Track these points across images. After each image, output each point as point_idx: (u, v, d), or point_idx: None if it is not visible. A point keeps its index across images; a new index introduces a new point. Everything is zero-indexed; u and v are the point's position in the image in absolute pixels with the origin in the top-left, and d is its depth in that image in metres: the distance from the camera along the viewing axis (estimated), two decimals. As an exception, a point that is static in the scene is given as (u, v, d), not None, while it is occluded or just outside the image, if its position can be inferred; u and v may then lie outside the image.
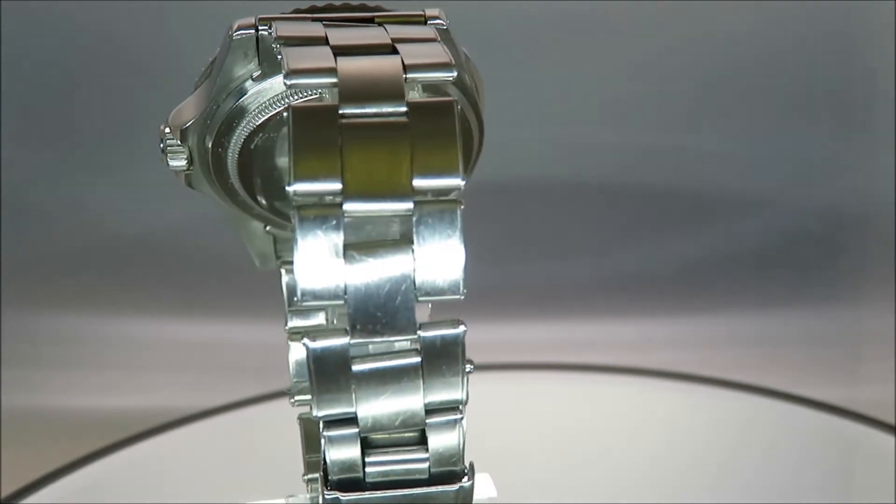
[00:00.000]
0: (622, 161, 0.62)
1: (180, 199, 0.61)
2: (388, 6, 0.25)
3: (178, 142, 0.25)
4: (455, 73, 0.22)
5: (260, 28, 0.24)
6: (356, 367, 0.21)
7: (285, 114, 0.25)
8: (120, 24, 0.59)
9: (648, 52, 0.61)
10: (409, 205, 0.20)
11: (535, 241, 0.64)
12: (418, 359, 0.21)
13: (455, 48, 0.25)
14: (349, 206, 0.20)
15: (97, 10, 0.59)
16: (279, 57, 0.23)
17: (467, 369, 0.22)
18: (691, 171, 0.62)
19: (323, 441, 0.22)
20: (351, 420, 0.22)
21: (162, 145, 0.26)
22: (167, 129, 0.25)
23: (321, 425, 0.22)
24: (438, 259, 0.20)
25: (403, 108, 0.21)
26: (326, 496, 0.22)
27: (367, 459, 0.22)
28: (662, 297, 0.62)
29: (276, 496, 0.30)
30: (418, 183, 0.20)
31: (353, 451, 0.22)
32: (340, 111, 0.21)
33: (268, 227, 0.28)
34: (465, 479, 0.23)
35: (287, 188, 0.20)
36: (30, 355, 0.60)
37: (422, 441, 0.22)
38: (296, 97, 0.24)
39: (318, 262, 0.20)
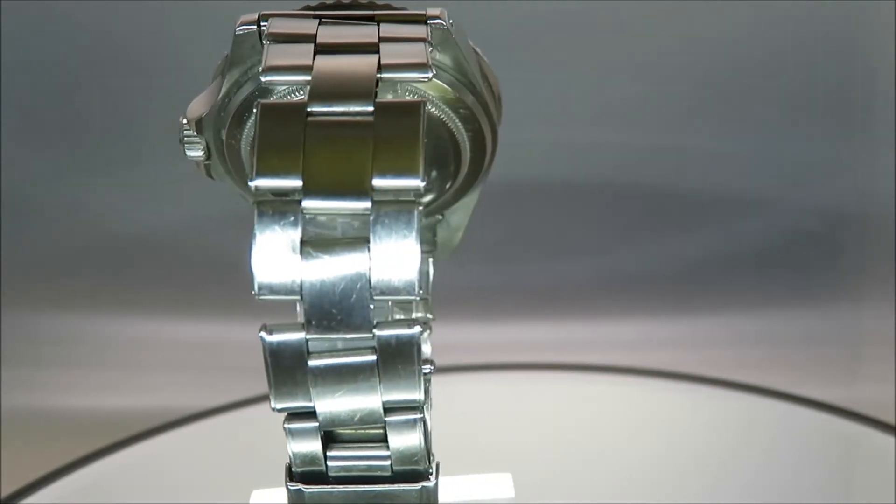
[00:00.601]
0: (622, 161, 0.62)
1: (180, 200, 0.62)
2: (397, 5, 0.25)
3: (195, 133, 0.26)
4: (429, 74, 0.22)
5: (262, 24, 0.24)
6: (312, 363, 0.21)
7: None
8: (120, 24, 0.59)
9: (648, 52, 0.61)
10: (367, 204, 0.21)
11: (536, 241, 0.64)
12: (374, 357, 0.21)
13: (457, 48, 0.25)
14: (308, 204, 0.21)
15: (97, 9, 0.59)
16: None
17: (425, 370, 0.22)
18: (691, 171, 0.62)
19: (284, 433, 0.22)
20: (311, 414, 0.22)
21: (180, 136, 0.26)
22: (184, 121, 0.26)
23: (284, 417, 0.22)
24: (394, 259, 0.21)
25: (370, 108, 0.21)
26: (290, 488, 0.23)
27: (329, 454, 0.23)
28: (662, 297, 0.62)
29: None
30: (377, 183, 0.21)
31: (313, 445, 0.22)
32: (308, 109, 0.21)
33: None
34: (430, 479, 0.23)
35: (249, 183, 0.21)
36: (30, 355, 0.60)
37: (386, 438, 0.23)
38: (300, 94, 0.24)
39: (274, 256, 0.21)
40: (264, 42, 0.23)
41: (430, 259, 0.32)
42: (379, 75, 0.22)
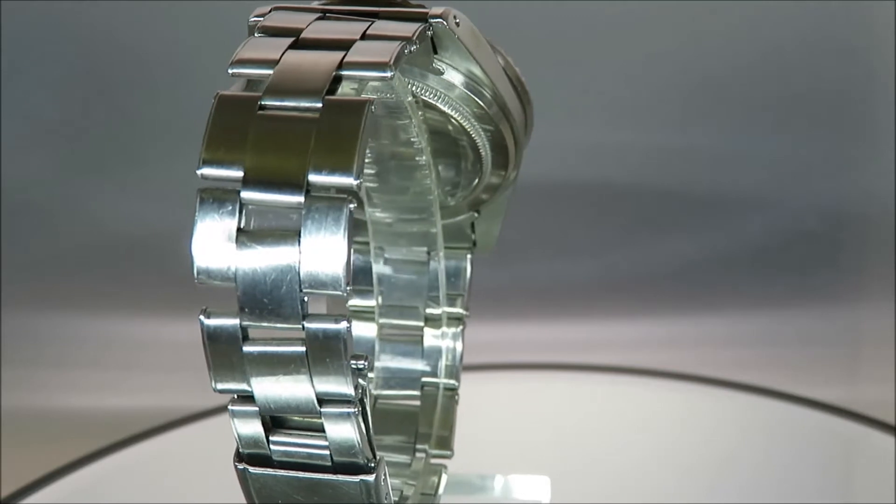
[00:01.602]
0: (623, 161, 0.62)
1: (180, 200, 0.62)
2: (414, 3, 0.25)
3: None
4: (388, 74, 0.22)
5: None
6: (246, 349, 0.22)
7: None
8: (122, 24, 0.59)
9: (649, 52, 0.61)
10: (301, 198, 0.21)
11: (536, 241, 0.64)
12: (303, 348, 0.22)
13: (462, 47, 0.25)
14: (245, 195, 0.21)
15: (98, 9, 0.59)
16: None
17: (358, 365, 0.22)
18: (691, 171, 0.62)
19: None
20: (250, 398, 0.23)
21: None
22: None
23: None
24: (321, 254, 0.21)
25: (318, 104, 0.22)
26: (237, 467, 0.24)
27: (272, 438, 0.23)
28: (662, 297, 0.62)
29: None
30: (312, 178, 0.21)
31: (254, 428, 0.23)
32: (261, 102, 0.22)
33: None
34: (370, 472, 0.23)
35: (197, 171, 0.21)
36: (30, 355, 0.60)
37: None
38: None
39: (212, 243, 0.21)
40: (256, 35, 0.24)
41: (468, 256, 0.33)
42: (340, 72, 0.22)
